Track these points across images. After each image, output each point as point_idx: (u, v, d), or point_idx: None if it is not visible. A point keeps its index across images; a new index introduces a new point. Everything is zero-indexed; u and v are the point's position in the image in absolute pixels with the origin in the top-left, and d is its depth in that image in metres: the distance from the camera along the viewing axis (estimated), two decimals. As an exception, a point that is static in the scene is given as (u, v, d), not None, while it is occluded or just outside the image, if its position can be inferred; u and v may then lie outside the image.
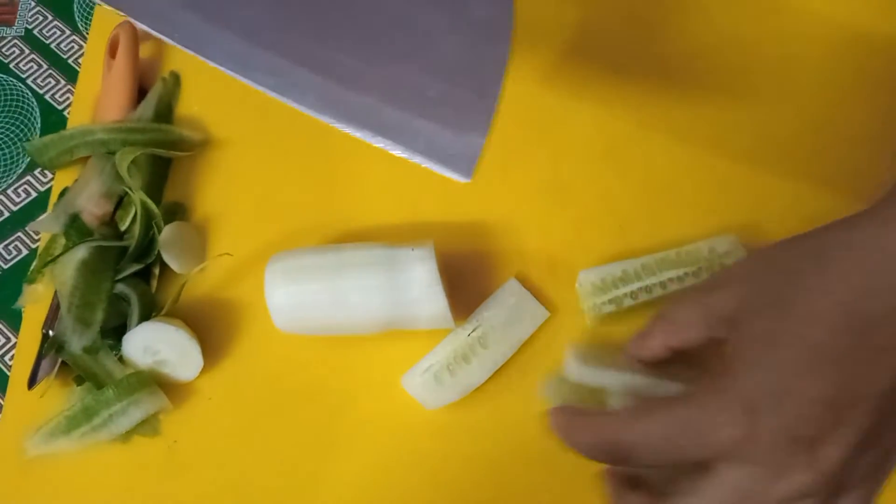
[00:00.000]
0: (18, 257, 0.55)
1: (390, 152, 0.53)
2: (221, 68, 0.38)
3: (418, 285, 0.43)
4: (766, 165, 0.50)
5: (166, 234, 0.49)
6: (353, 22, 0.37)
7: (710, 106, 0.52)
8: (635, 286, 0.46)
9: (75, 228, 0.50)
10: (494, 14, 0.37)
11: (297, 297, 0.44)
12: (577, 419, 0.35)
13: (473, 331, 0.46)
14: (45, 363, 0.48)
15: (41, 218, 0.52)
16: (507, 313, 0.46)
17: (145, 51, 0.58)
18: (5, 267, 0.54)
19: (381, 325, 0.45)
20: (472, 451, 0.45)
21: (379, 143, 0.36)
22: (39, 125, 0.59)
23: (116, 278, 0.49)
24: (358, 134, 0.36)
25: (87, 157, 0.53)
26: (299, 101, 0.37)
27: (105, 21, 0.60)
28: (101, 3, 0.42)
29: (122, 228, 0.51)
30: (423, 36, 0.37)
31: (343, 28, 0.37)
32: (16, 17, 0.63)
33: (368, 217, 0.51)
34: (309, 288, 0.44)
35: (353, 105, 0.36)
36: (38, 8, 0.63)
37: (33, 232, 0.55)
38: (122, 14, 0.40)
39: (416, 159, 0.36)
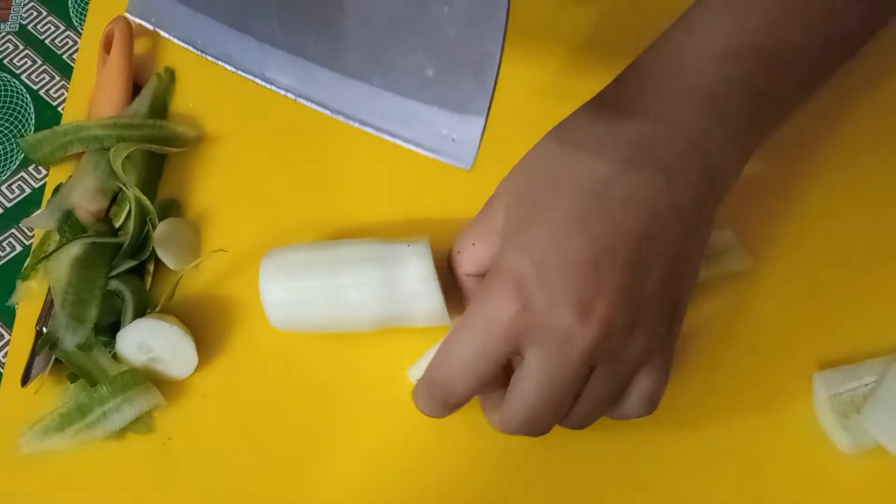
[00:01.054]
0: (12, 254, 0.54)
1: (388, 145, 0.53)
2: (222, 63, 0.38)
3: (414, 281, 0.43)
4: (760, 159, 0.50)
5: (161, 230, 0.49)
6: (345, 6, 0.36)
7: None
8: None
9: (69, 225, 0.49)
10: None
11: (293, 294, 0.44)
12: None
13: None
14: (38, 360, 0.48)
15: (35, 214, 0.52)
16: None
17: (140, 46, 0.58)
18: (-1, 263, 0.54)
19: (377, 322, 0.44)
20: (470, 448, 0.45)
21: (380, 133, 0.35)
22: (33, 121, 0.59)
23: (110, 275, 0.48)
24: (358, 125, 0.35)
25: (82, 154, 0.52)
26: (301, 94, 0.36)
27: (100, 16, 0.59)
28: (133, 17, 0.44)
29: (117, 225, 0.50)
30: (418, 10, 0.34)
31: (336, 14, 0.36)
32: (10, 12, 0.63)
33: (365, 213, 0.51)
34: (304, 284, 0.44)
35: (353, 94, 0.35)
36: (32, 3, 0.63)
37: (27, 228, 0.55)
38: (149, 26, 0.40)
39: (417, 148, 0.35)
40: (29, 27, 0.62)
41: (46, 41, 0.62)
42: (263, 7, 0.38)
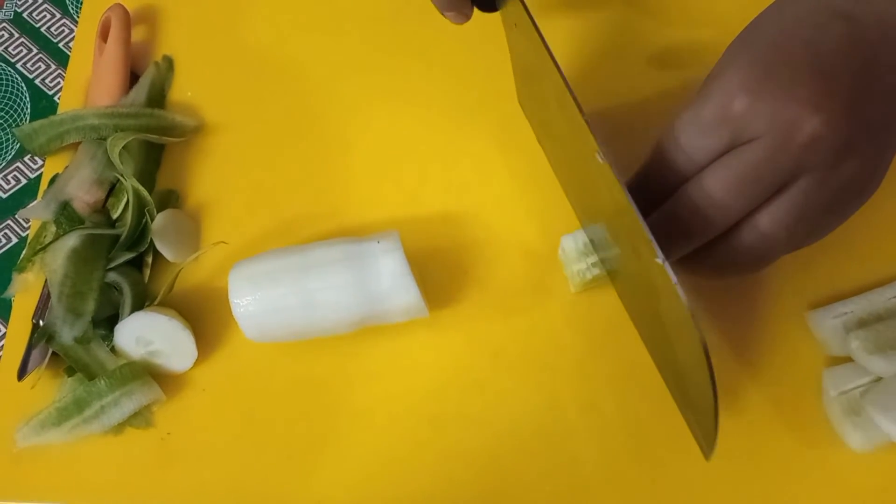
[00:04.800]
0: (8, 245, 0.54)
1: (388, 138, 0.52)
2: None
3: (388, 277, 0.42)
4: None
5: (159, 221, 0.48)
6: None
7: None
8: (581, 265, 0.44)
9: (66, 216, 0.49)
10: None
11: (264, 304, 0.43)
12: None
13: (895, 297, 0.44)
14: (35, 353, 0.47)
15: (31, 205, 0.51)
16: None
17: (137, 34, 0.57)
18: (-6, 255, 0.53)
19: (354, 323, 0.44)
20: (469, 444, 0.44)
21: None
22: (29, 110, 0.58)
23: (108, 267, 0.48)
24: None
25: (78, 144, 0.52)
26: None
27: (96, 4, 0.59)
28: None
29: (114, 216, 0.50)
30: None
31: None
32: (4, 0, 0.62)
33: (366, 204, 0.50)
34: (275, 293, 0.42)
35: None
36: (27, -10, 0.62)
37: (23, 219, 0.54)
38: None
39: None
40: (24, 15, 0.61)
41: (42, 29, 0.61)
42: None
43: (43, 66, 0.59)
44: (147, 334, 0.46)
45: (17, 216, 0.54)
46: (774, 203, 0.36)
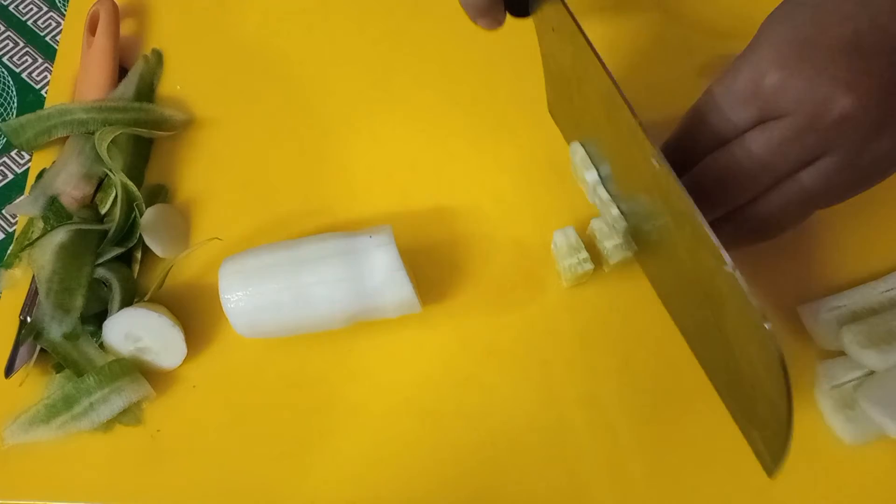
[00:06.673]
0: (-5, 241, 0.53)
1: (381, 131, 0.52)
2: None
3: (381, 272, 0.42)
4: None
5: (148, 216, 0.48)
6: None
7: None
8: (613, 242, 0.44)
9: (54, 211, 0.48)
10: None
11: (256, 299, 0.42)
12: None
13: (888, 290, 0.43)
14: (23, 350, 0.47)
15: (18, 200, 0.51)
16: None
17: (126, 28, 0.57)
18: (-19, 251, 0.53)
19: (346, 318, 0.43)
20: (465, 439, 0.44)
21: None
22: (16, 104, 0.57)
23: (97, 263, 0.47)
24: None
25: (66, 138, 0.51)
26: None
27: (84, -3, 0.58)
28: None
29: (103, 211, 0.49)
30: None
31: None
32: (-10, -7, 0.61)
33: (359, 198, 0.50)
34: (267, 288, 0.42)
35: None
36: (13, -17, 0.61)
37: (10, 215, 0.53)
38: None
39: None
40: (10, 8, 0.60)
41: (28, 22, 0.60)
42: None
43: (30, 60, 0.58)
44: (136, 331, 0.45)
45: (4, 211, 0.54)
46: (798, 176, 0.36)
